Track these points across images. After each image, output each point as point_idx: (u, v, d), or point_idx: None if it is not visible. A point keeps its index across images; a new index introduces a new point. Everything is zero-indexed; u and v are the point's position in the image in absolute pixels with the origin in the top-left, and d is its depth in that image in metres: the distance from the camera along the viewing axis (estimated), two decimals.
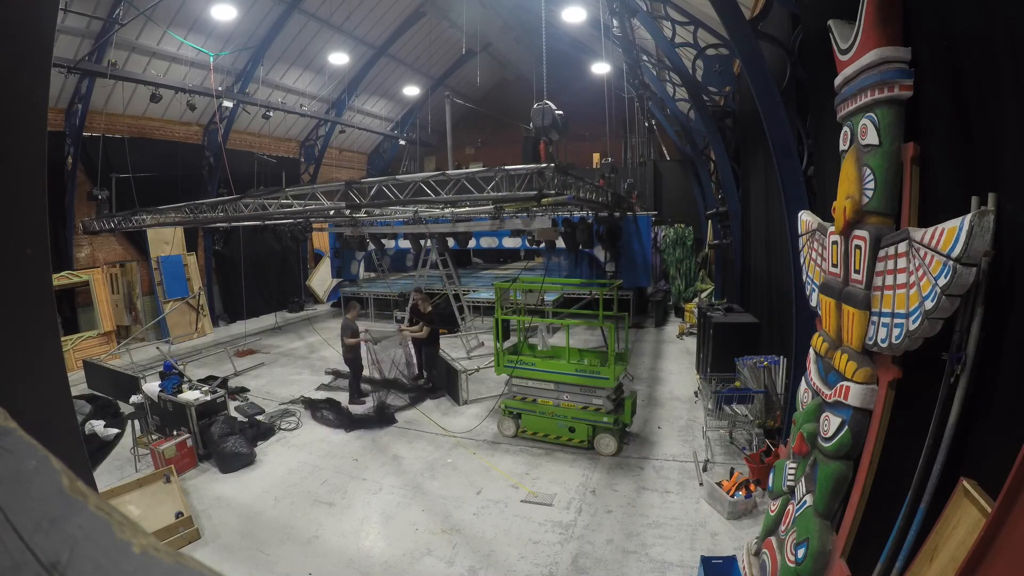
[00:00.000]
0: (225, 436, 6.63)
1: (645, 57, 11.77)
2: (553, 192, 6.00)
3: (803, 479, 3.65)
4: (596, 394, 6.64)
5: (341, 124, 18.71)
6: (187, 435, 6.63)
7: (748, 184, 9.92)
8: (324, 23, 15.22)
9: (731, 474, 5.61)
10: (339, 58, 15.76)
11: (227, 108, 14.26)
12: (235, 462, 6.51)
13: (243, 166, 15.62)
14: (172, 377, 7.46)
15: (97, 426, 7.20)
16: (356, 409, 8.25)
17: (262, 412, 8.06)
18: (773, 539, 3.87)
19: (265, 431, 7.44)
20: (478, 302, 14.48)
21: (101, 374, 9.07)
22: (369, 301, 15.71)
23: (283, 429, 7.70)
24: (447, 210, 10.65)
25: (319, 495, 5.92)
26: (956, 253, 2.37)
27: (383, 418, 7.88)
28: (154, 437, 6.93)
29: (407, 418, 8.07)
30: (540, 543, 4.98)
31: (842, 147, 3.51)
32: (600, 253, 13.89)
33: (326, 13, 14.94)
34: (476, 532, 5.18)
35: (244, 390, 9.34)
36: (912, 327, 2.69)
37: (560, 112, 6.56)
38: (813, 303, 4.11)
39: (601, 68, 15.28)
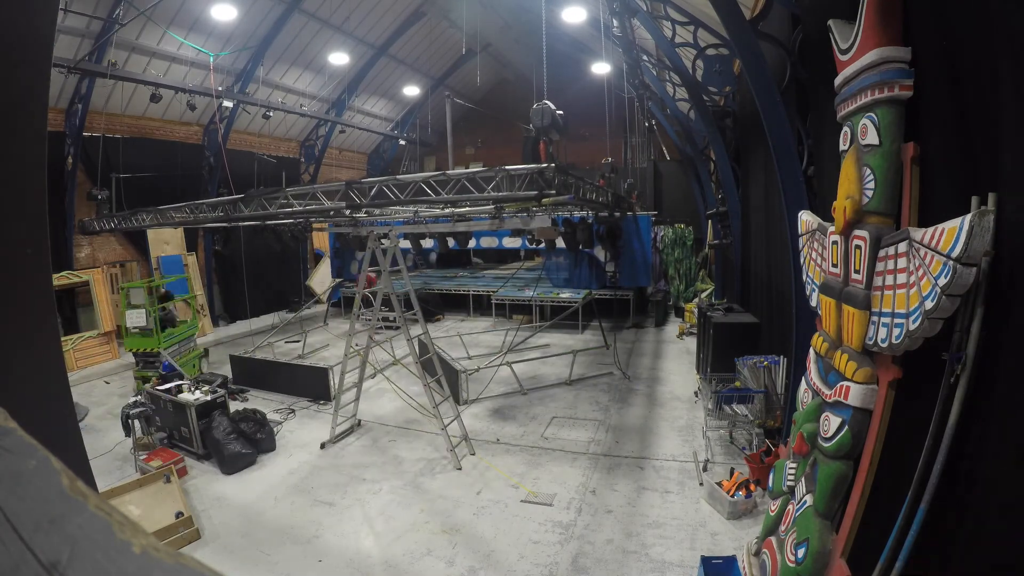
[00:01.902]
0: (226, 437, 6.62)
1: (645, 57, 11.77)
2: (553, 192, 6.00)
3: (803, 479, 3.65)
4: None
5: (341, 124, 18.72)
6: (179, 457, 6.56)
7: (748, 184, 9.92)
8: (324, 23, 15.22)
9: (731, 474, 5.61)
10: (339, 58, 15.77)
11: (227, 108, 14.26)
12: (239, 462, 6.51)
13: (243, 166, 15.63)
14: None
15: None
16: None
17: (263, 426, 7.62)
18: (773, 539, 3.87)
19: (267, 434, 7.36)
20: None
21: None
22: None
23: (280, 431, 7.70)
24: (447, 210, 10.65)
25: (319, 495, 5.93)
26: (956, 253, 2.37)
27: None
28: (156, 437, 6.94)
29: (407, 418, 8.07)
30: (540, 543, 4.98)
31: (842, 147, 3.51)
32: (600, 253, 13.89)
33: (326, 13, 14.94)
34: (476, 532, 5.18)
35: (244, 390, 9.34)
36: (912, 327, 2.68)
37: (560, 112, 6.56)
38: (813, 303, 4.10)
39: (601, 68, 15.29)
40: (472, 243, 14.72)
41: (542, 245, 13.77)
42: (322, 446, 7.12)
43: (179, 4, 11.93)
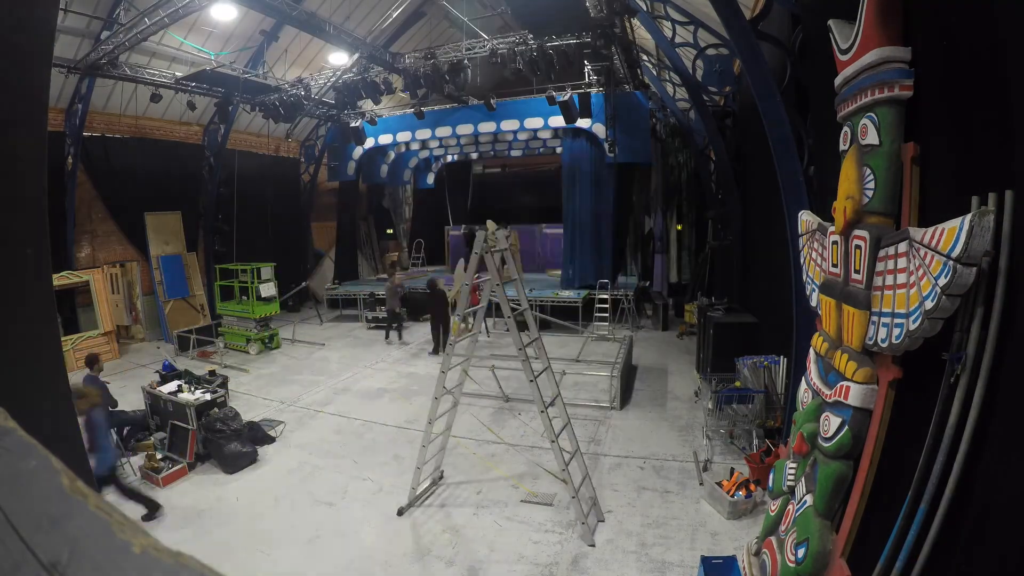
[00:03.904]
0: (227, 437, 6.61)
1: (645, 57, 11.77)
2: None
3: (803, 479, 3.65)
4: None
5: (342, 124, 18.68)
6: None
7: (748, 184, 9.92)
8: (325, 23, 15.20)
9: (731, 474, 5.61)
10: (339, 58, 15.75)
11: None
12: (241, 460, 6.52)
13: (243, 166, 15.63)
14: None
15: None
16: None
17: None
18: (773, 539, 3.87)
19: (262, 437, 7.32)
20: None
21: None
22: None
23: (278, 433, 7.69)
24: None
25: (319, 495, 5.93)
26: (956, 253, 2.37)
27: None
28: (157, 436, 6.93)
29: (407, 418, 8.07)
30: (540, 543, 4.98)
31: (842, 147, 3.51)
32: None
33: (326, 13, 14.92)
34: (476, 532, 5.18)
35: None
36: (912, 327, 2.68)
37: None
38: (813, 303, 4.10)
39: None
40: None
41: None
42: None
43: (179, 4, 11.92)
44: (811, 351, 3.98)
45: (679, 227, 16.12)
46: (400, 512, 5.50)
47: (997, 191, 2.34)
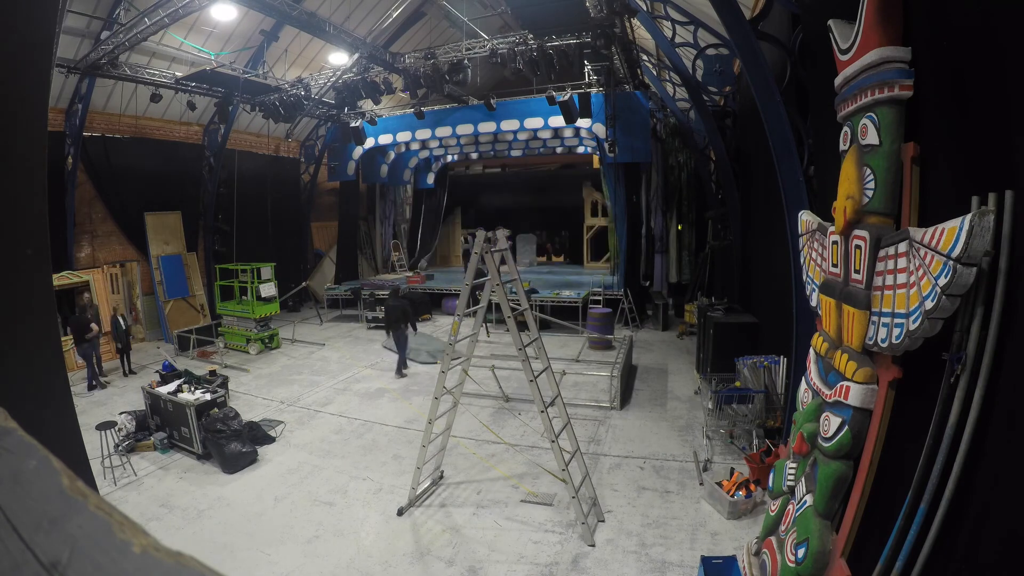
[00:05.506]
0: (227, 437, 6.61)
1: (645, 57, 11.78)
2: None
3: (803, 479, 3.65)
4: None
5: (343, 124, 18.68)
6: None
7: (748, 184, 9.92)
8: (325, 23, 15.20)
9: (731, 474, 5.61)
10: (339, 58, 15.76)
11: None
12: (241, 460, 6.52)
13: (243, 166, 15.64)
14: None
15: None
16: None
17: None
18: (773, 539, 3.87)
19: (262, 437, 7.33)
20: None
21: None
22: None
23: (278, 433, 7.69)
24: None
25: (319, 495, 5.93)
26: (956, 253, 2.37)
27: None
28: (158, 436, 6.92)
29: (407, 417, 8.08)
30: (540, 543, 4.98)
31: (842, 147, 3.51)
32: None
33: (326, 13, 14.93)
34: (476, 532, 5.18)
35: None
36: (912, 327, 2.68)
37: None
38: (813, 303, 4.10)
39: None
40: None
41: None
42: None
43: (179, 4, 11.92)
44: (811, 351, 3.98)
45: (679, 227, 16.11)
46: (400, 512, 5.52)
47: (997, 191, 2.34)
